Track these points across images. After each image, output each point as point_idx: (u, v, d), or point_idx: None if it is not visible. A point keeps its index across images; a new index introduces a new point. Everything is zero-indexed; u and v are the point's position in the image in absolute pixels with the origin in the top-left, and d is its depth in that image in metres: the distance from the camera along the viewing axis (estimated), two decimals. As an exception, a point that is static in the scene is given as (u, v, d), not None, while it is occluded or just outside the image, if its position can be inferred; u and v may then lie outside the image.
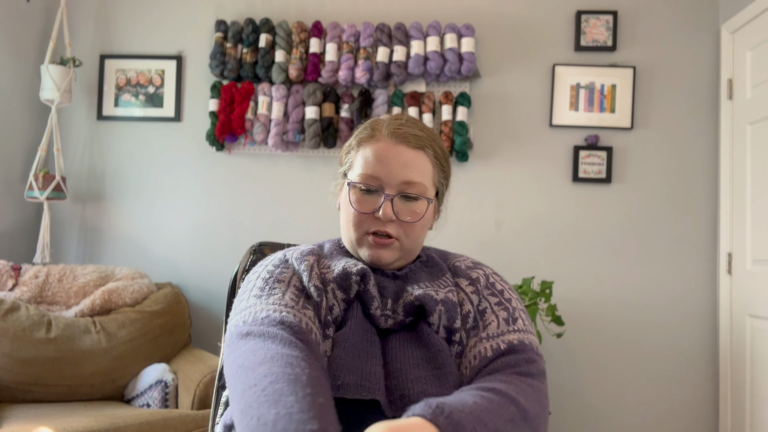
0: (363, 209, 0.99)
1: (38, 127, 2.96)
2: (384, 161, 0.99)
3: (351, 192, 1.01)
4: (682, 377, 2.72)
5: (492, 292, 1.01)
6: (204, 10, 2.99)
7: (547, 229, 2.80)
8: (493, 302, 0.99)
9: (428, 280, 1.01)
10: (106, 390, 2.31)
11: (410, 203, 1.00)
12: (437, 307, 0.94)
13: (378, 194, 0.99)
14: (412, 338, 0.95)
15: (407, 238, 1.00)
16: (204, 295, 2.89)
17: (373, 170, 0.99)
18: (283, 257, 1.01)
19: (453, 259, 1.09)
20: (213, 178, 2.94)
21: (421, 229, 1.02)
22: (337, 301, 0.94)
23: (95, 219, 2.99)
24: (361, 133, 1.05)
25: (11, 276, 2.43)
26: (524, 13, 2.88)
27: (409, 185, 0.99)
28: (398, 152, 0.99)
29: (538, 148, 2.83)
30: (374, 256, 0.99)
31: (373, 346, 0.92)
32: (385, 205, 0.97)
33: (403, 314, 0.96)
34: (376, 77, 2.74)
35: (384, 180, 0.98)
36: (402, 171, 0.99)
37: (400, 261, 1.03)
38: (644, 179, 2.79)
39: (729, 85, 2.70)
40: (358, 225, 1.00)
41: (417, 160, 1.00)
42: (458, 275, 1.03)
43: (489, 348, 0.92)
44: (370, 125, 1.05)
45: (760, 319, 2.43)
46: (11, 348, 2.15)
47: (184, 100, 2.99)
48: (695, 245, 2.75)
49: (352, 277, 0.95)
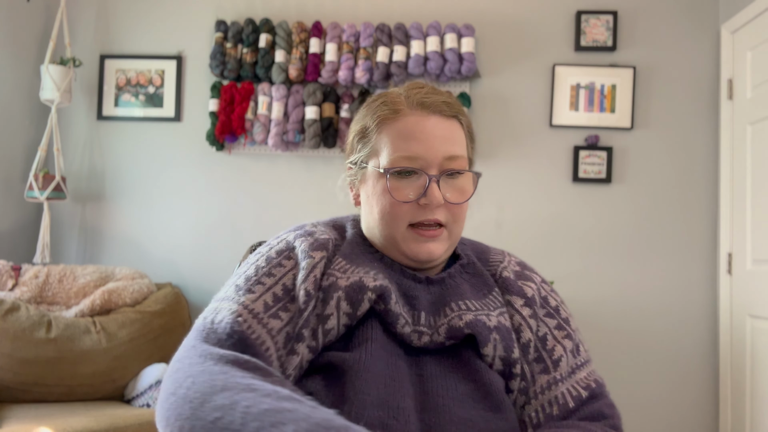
0: (403, 197, 0.83)
1: (38, 127, 2.96)
2: (420, 137, 0.83)
3: (380, 181, 0.85)
4: (682, 377, 2.72)
5: (548, 312, 0.89)
6: (204, 10, 2.99)
7: (547, 229, 2.80)
8: (552, 326, 0.88)
9: (473, 295, 0.86)
10: (106, 390, 2.30)
11: (456, 181, 0.86)
12: (492, 336, 0.81)
13: (417, 177, 0.84)
14: (455, 367, 0.81)
15: (455, 224, 0.86)
16: (204, 295, 2.89)
17: (409, 150, 0.83)
18: (291, 243, 0.87)
19: (497, 265, 0.93)
20: (213, 178, 2.94)
21: (466, 208, 0.87)
22: (338, 313, 0.79)
23: (95, 219, 2.99)
24: (378, 111, 0.88)
25: (11, 276, 2.43)
26: (524, 13, 2.88)
27: (452, 160, 0.84)
28: (434, 124, 0.84)
29: (538, 148, 2.83)
30: (425, 252, 0.84)
31: (400, 371, 0.78)
32: (432, 188, 0.82)
33: (445, 337, 0.81)
34: (376, 77, 2.74)
35: (425, 158, 0.83)
36: (443, 145, 0.84)
37: (446, 254, 0.88)
38: (644, 179, 2.79)
39: (729, 85, 2.70)
40: (399, 218, 0.84)
41: (453, 130, 0.86)
42: (509, 292, 0.89)
43: (568, 395, 0.82)
44: (385, 101, 0.89)
45: (760, 319, 2.43)
46: (11, 348, 2.14)
47: (184, 100, 2.99)
48: (695, 245, 2.75)
49: (367, 293, 0.80)
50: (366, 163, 0.89)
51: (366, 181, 0.89)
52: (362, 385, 0.74)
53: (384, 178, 0.84)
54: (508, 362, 0.82)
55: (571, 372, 0.84)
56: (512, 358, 0.82)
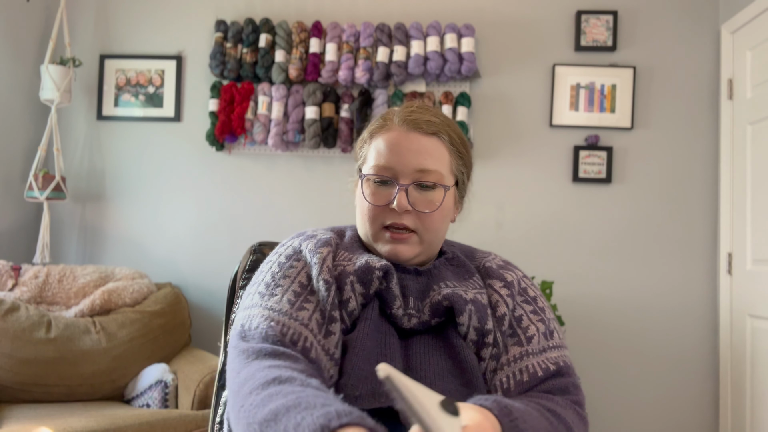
0: (377, 201, 0.95)
1: (38, 127, 2.96)
2: (396, 150, 0.94)
3: (365, 185, 0.97)
4: (682, 377, 2.72)
5: (525, 298, 0.98)
6: (204, 10, 2.99)
7: (547, 229, 2.80)
8: (528, 310, 0.96)
9: (455, 279, 0.97)
10: (106, 390, 2.31)
11: (426, 192, 0.95)
12: (467, 307, 0.90)
13: (392, 185, 0.95)
14: (438, 345, 0.91)
15: (426, 231, 0.95)
16: (204, 295, 2.89)
17: (385, 161, 0.95)
18: (297, 247, 0.97)
19: (482, 259, 1.04)
20: (213, 178, 2.94)
21: (441, 220, 0.97)
22: (354, 295, 0.90)
23: (95, 219, 2.99)
24: (373, 125, 1.01)
25: (11, 276, 2.43)
26: (524, 13, 2.88)
27: (423, 173, 0.94)
28: (410, 140, 0.95)
29: (538, 148, 2.83)
30: (392, 252, 0.95)
31: (391, 348, 0.88)
32: (399, 195, 0.93)
33: (430, 314, 0.92)
34: (376, 77, 2.74)
35: (397, 169, 0.94)
36: (415, 158, 0.94)
37: (421, 256, 0.98)
38: (644, 179, 2.79)
39: (729, 85, 2.70)
40: (374, 219, 0.95)
41: (431, 146, 0.95)
42: (490, 276, 0.99)
43: (537, 366, 0.89)
44: (383, 116, 1.01)
45: (760, 319, 2.43)
46: (11, 348, 2.15)
47: (184, 100, 2.99)
48: (695, 245, 2.75)
49: (375, 272, 0.90)
50: (360, 169, 1.01)
51: (357, 184, 1.01)
52: (358, 361, 0.84)
53: (366, 183, 0.97)
54: (482, 332, 0.90)
55: (543, 350, 0.91)
56: (485, 328, 0.90)
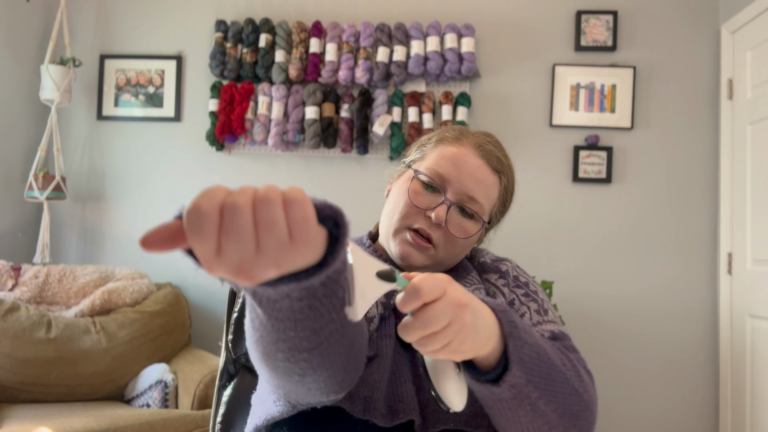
0: (418, 203, 0.93)
1: (38, 127, 2.96)
2: (460, 166, 0.94)
3: (413, 182, 0.95)
4: (682, 377, 2.72)
5: (517, 284, 1.00)
6: (204, 10, 2.99)
7: (547, 229, 2.80)
8: (519, 294, 0.97)
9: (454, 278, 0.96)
10: (106, 390, 2.31)
11: (464, 219, 0.95)
12: None
13: (438, 195, 0.94)
14: None
15: (445, 252, 0.94)
16: (204, 295, 2.89)
17: (445, 169, 0.94)
18: None
19: (478, 257, 1.07)
20: (213, 178, 2.94)
21: (462, 249, 0.97)
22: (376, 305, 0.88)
23: (95, 219, 2.99)
24: (446, 132, 1.01)
25: (11, 276, 2.43)
26: (524, 13, 2.88)
27: (471, 201, 0.94)
28: (477, 165, 0.95)
29: (538, 148, 2.83)
30: (406, 253, 0.93)
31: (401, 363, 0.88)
32: (440, 208, 0.92)
33: None
34: (376, 77, 2.74)
35: (452, 183, 0.93)
36: (472, 183, 0.94)
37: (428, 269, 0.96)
38: (644, 179, 2.79)
39: (729, 85, 2.70)
40: (405, 216, 0.94)
41: (490, 182, 0.96)
42: (486, 271, 1.02)
43: None
44: (459, 130, 1.01)
45: (760, 319, 2.43)
46: (11, 348, 2.15)
47: (184, 100, 2.99)
48: (695, 245, 2.75)
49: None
50: (411, 164, 1.01)
51: (401, 176, 1.00)
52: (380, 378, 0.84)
53: (415, 180, 0.95)
54: None
55: (537, 323, 0.92)
56: None
